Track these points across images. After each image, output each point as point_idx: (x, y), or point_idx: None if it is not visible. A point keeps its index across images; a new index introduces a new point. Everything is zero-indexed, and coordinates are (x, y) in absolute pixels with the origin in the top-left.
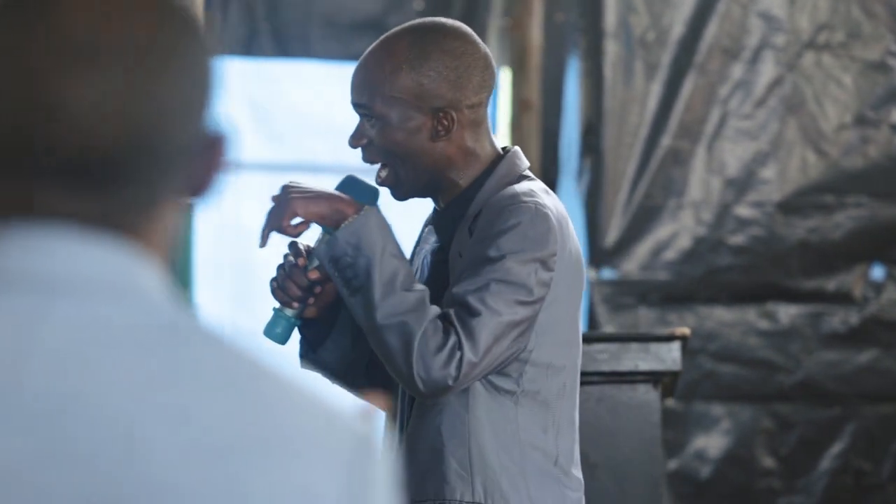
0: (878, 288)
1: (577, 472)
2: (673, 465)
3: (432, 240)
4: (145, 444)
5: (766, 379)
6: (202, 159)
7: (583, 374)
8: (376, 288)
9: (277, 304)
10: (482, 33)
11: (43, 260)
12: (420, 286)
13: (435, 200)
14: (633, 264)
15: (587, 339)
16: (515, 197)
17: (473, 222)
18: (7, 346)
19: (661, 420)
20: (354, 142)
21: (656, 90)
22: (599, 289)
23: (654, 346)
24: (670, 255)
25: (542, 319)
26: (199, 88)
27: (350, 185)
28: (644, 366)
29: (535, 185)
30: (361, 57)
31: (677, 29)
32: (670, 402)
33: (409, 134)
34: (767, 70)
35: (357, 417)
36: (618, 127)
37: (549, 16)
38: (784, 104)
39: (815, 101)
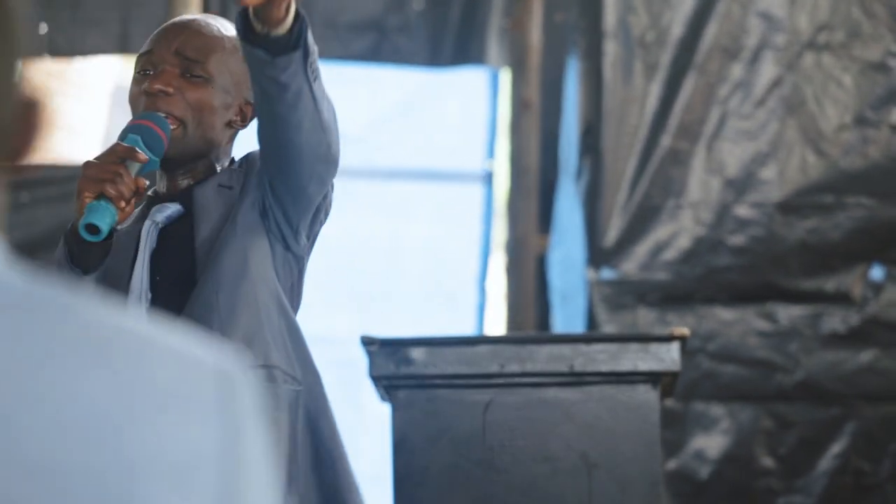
0: (877, 288)
1: None
2: (672, 465)
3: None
4: (11, 425)
5: (766, 379)
6: (18, 125)
7: (582, 374)
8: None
9: (101, 199)
10: (482, 33)
11: None
12: None
13: (171, 177)
14: (632, 264)
15: (587, 340)
16: None
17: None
18: None
19: (661, 420)
20: (164, 86)
21: (656, 90)
22: (599, 289)
23: (653, 347)
24: (670, 255)
25: None
26: (8, 54)
27: (143, 129)
28: (643, 366)
29: None
30: (196, 18)
31: (677, 29)
32: (669, 402)
33: (221, 106)
34: (767, 70)
35: (218, 359)
36: (617, 127)
37: (548, 16)
38: (784, 104)
39: (814, 102)
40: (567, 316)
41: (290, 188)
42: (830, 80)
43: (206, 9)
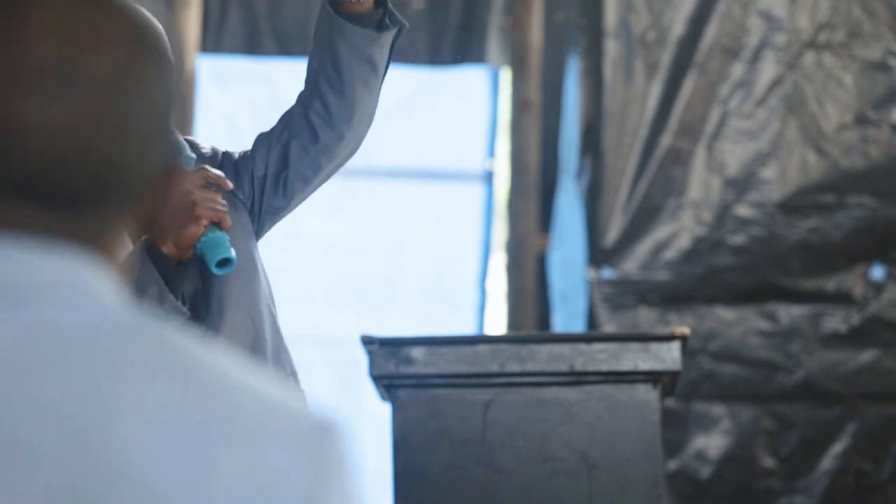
0: (878, 288)
1: None
2: (673, 465)
3: None
4: (102, 438)
5: (767, 379)
6: (157, 187)
7: (583, 373)
8: None
9: (210, 225)
10: (483, 32)
11: None
12: None
13: None
14: (633, 264)
15: (587, 339)
16: None
17: None
18: None
19: (661, 420)
20: None
21: (656, 90)
22: (599, 288)
23: (653, 346)
24: (670, 254)
25: None
26: (160, 119)
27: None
28: (644, 365)
29: None
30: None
31: (677, 28)
32: (670, 402)
33: None
34: (768, 69)
35: (317, 408)
36: (618, 126)
37: (549, 15)
38: (784, 104)
39: (815, 101)
40: (567, 316)
41: (310, 156)
42: (831, 80)
43: (206, 8)
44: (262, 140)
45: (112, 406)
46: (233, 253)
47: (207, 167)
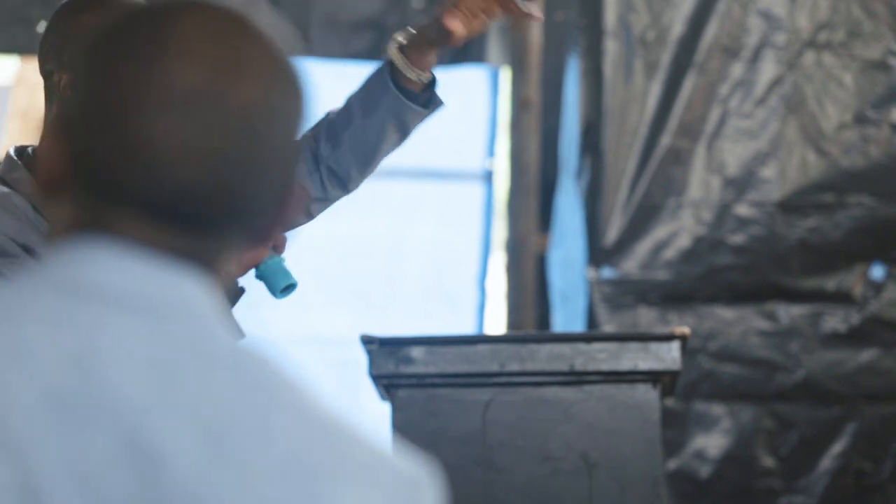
0: (878, 287)
1: None
2: (673, 464)
3: None
4: (235, 454)
5: (767, 378)
6: (276, 211)
7: (582, 373)
8: None
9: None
10: (482, 32)
11: (108, 275)
12: None
13: None
14: (632, 263)
15: (587, 339)
16: None
17: None
18: (69, 350)
19: (661, 420)
20: None
21: (656, 89)
22: (599, 288)
23: (653, 346)
24: (670, 254)
25: None
26: (292, 147)
27: None
28: (643, 365)
29: None
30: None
31: (677, 28)
32: (670, 402)
33: None
34: (768, 69)
35: (409, 463)
36: (617, 126)
37: (548, 15)
38: (784, 103)
39: (815, 101)
40: (567, 315)
41: (311, 206)
42: (831, 79)
43: None
44: None
45: (249, 429)
46: (295, 278)
47: None
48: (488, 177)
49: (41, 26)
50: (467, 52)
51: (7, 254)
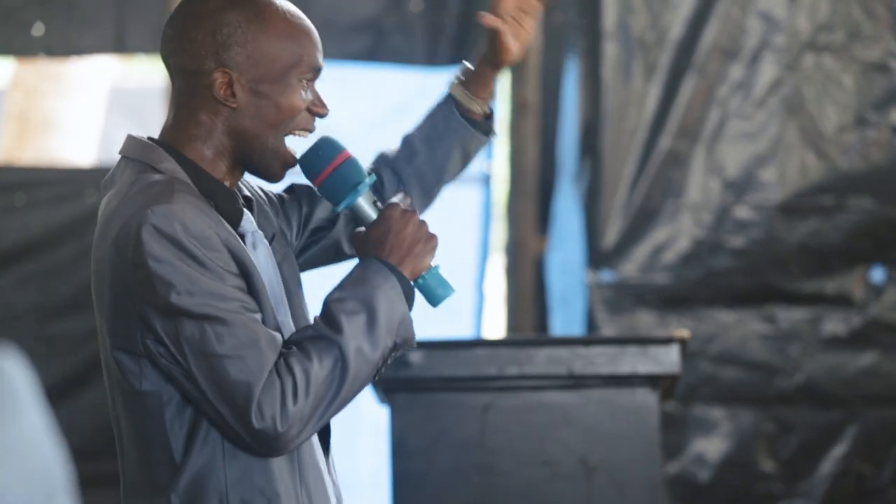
0: (878, 290)
1: None
2: (672, 468)
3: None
4: None
5: (766, 382)
6: None
7: (581, 377)
8: None
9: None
10: (480, 34)
11: None
12: None
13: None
14: (631, 266)
15: (586, 342)
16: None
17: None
18: None
19: (660, 423)
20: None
21: (655, 91)
22: (598, 291)
23: (652, 349)
24: (669, 257)
25: None
26: None
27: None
28: (643, 369)
29: None
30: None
31: (676, 30)
32: (669, 406)
33: None
34: (767, 71)
35: None
36: (616, 128)
37: (547, 16)
38: (784, 105)
39: (815, 103)
40: (566, 318)
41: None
42: (830, 81)
43: None
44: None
45: None
46: (453, 287)
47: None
48: (486, 180)
49: (37, 29)
50: (465, 54)
51: (213, 248)
